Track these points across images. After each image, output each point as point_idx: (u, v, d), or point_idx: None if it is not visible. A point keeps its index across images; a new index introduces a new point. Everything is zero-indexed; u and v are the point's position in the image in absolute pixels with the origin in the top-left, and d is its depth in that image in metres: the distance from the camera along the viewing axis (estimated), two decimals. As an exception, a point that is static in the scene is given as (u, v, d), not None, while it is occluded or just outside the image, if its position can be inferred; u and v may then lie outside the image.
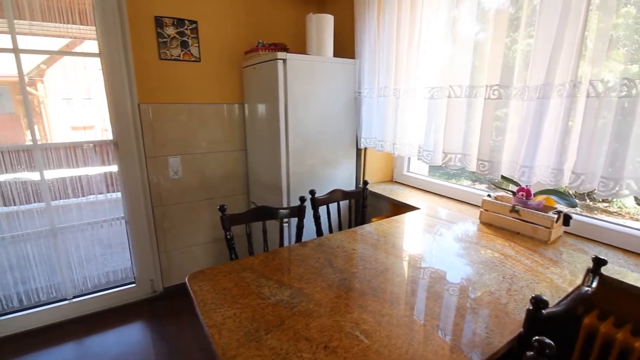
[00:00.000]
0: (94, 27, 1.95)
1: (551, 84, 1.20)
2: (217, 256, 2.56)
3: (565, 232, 1.48)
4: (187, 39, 2.14)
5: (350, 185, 2.25)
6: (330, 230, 1.81)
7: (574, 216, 1.43)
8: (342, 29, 2.18)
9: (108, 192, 2.19)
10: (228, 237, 1.45)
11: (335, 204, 1.84)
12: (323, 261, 1.23)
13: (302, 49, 2.43)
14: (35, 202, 2.01)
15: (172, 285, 2.43)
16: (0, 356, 1.86)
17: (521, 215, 1.45)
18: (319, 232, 1.72)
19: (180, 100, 2.20)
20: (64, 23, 1.92)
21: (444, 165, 1.59)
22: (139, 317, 2.19)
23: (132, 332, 2.07)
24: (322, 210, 1.76)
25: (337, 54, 2.11)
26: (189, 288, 1.07)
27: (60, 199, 2.06)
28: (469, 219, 1.66)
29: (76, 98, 2.12)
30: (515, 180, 1.43)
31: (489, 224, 1.57)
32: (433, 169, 2.23)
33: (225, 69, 2.30)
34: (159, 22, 2.04)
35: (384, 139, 1.93)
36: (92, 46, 2.01)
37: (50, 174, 2.00)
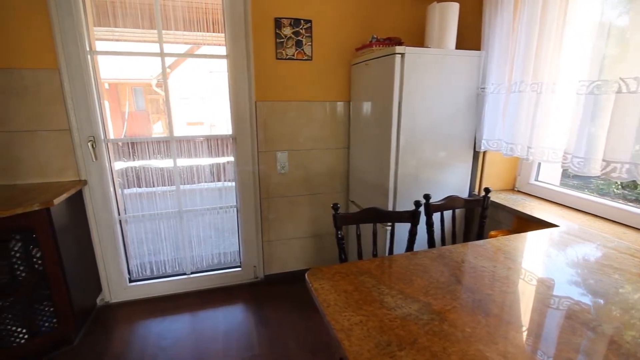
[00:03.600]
0: (223, 34, 2.14)
1: None
2: (315, 251, 2.60)
3: None
4: (302, 38, 2.19)
5: (462, 192, 2.04)
6: (443, 241, 1.65)
7: None
8: (465, 18, 1.97)
9: (225, 181, 2.40)
10: (339, 236, 1.42)
11: (449, 211, 1.68)
12: (448, 276, 1.11)
13: (416, 43, 2.30)
14: (167, 186, 2.31)
15: (272, 274, 2.55)
16: (132, 316, 2.19)
17: None
18: (431, 241, 1.59)
19: (291, 98, 2.27)
20: (200, 31, 2.15)
21: (602, 176, 1.30)
22: (242, 299, 2.36)
23: (237, 312, 2.22)
24: (435, 217, 1.61)
25: (457, 46, 1.92)
26: (310, 285, 1.06)
27: (187, 184, 2.33)
28: (629, 245, 1.33)
29: (192, 97, 2.35)
30: None
31: (664, 255, 1.23)
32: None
33: (335, 66, 2.30)
34: (277, 23, 2.14)
35: (515, 141, 1.68)
36: (212, 50, 2.20)
37: (179, 162, 2.27)
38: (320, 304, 0.96)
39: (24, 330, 1.74)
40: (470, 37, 1.98)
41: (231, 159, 2.35)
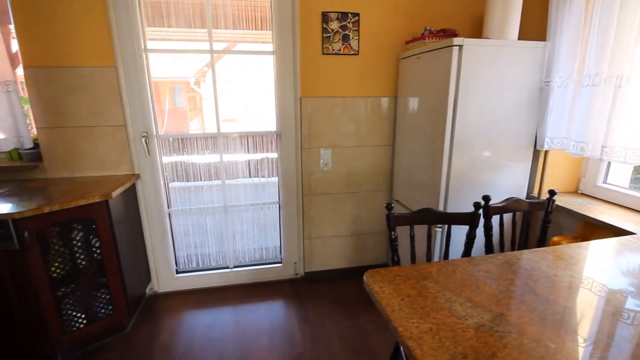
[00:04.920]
0: (267, 30, 2.15)
1: None
2: (356, 250, 2.56)
3: None
4: (349, 32, 2.14)
5: (519, 194, 1.91)
6: (501, 246, 1.55)
7: None
8: (528, 5, 1.83)
9: (268, 177, 2.42)
10: (392, 237, 1.36)
11: (509, 215, 1.57)
12: (519, 284, 1.03)
13: (469, 34, 2.19)
14: (214, 180, 2.35)
15: (311, 271, 2.54)
16: (179, 306, 2.26)
17: None
18: (489, 246, 1.49)
19: (336, 94, 2.24)
20: (248, 29, 2.16)
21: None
22: (283, 295, 2.36)
23: (279, 308, 2.23)
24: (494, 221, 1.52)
25: (519, 36, 1.79)
26: (370, 287, 1.02)
27: (232, 178, 2.36)
28: None
29: (228, 94, 2.35)
30: None
31: None
32: None
33: (381, 61, 2.23)
34: (325, 17, 2.10)
35: (586, 139, 1.54)
36: (252, 46, 2.21)
37: (225, 158, 2.30)
38: (384, 308, 0.92)
39: (83, 316, 1.84)
40: (534, 26, 1.84)
41: (274, 155, 2.36)
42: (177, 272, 2.43)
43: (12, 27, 1.87)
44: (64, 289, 1.78)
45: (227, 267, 2.48)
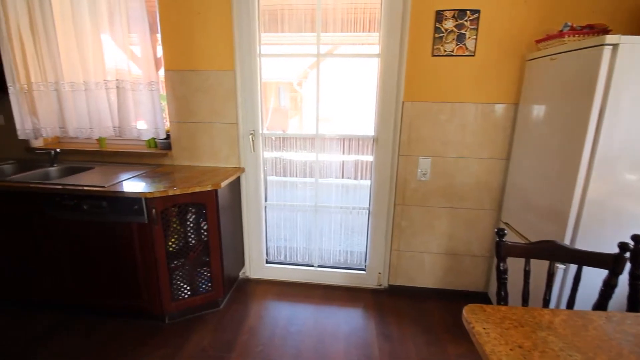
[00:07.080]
0: (377, 33, 2.09)
1: None
2: (447, 271, 2.33)
3: None
4: (465, 31, 1.94)
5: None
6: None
7: None
8: None
9: (360, 179, 2.38)
10: (501, 268, 1.17)
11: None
12: (690, 365, 0.76)
13: (626, 31, 1.77)
14: (308, 177, 2.42)
15: (396, 285, 2.41)
16: (266, 294, 2.39)
17: None
18: (634, 301, 1.16)
19: (443, 99, 2.06)
20: (355, 32, 2.14)
21: None
22: (364, 304, 2.29)
23: (358, 316, 2.17)
24: None
25: None
26: (470, 326, 0.89)
27: (324, 177, 2.39)
28: None
29: (326, 95, 2.33)
30: None
31: None
32: None
33: (501, 62, 1.96)
34: (438, 16, 1.95)
35: None
36: (354, 49, 2.18)
37: (320, 157, 2.34)
38: (488, 356, 0.78)
39: (188, 288, 2.09)
40: None
41: (368, 158, 2.30)
42: (267, 262, 2.58)
43: (158, 35, 2.22)
44: (176, 262, 2.05)
45: (312, 265, 2.53)
